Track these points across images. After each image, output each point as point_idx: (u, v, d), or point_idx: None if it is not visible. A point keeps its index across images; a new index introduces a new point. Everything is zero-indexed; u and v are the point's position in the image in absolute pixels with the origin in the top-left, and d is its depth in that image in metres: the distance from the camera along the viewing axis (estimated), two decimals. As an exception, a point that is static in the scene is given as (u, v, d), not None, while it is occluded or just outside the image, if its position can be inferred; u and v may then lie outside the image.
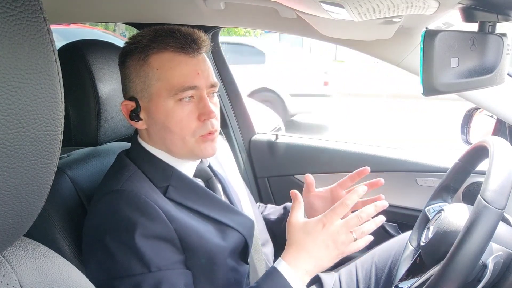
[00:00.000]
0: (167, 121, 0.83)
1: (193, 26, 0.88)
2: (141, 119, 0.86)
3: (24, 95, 0.34)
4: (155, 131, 0.86)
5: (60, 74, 0.37)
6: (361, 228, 0.78)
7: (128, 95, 0.87)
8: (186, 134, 0.84)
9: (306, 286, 1.20)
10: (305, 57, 7.79)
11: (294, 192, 0.87)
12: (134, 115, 0.86)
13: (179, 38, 0.82)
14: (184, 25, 0.89)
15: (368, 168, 0.99)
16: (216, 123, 0.87)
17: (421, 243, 0.98)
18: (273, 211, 1.20)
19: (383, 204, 0.81)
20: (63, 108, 0.38)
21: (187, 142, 0.85)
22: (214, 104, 0.88)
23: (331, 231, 0.77)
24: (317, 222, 0.79)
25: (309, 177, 1.06)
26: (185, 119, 0.83)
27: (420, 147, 1.64)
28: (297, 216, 0.83)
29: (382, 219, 0.80)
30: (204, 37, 0.86)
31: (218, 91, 0.90)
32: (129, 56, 0.85)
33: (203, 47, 0.85)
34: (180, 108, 0.83)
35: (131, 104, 0.86)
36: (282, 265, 0.79)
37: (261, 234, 1.05)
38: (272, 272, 0.80)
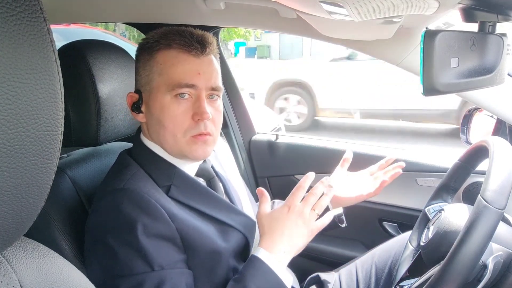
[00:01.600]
0: (161, 115, 0.84)
1: (193, 26, 0.89)
2: (142, 112, 0.89)
3: (24, 95, 0.34)
4: (151, 125, 0.88)
5: (60, 74, 0.37)
6: (319, 202, 0.86)
7: (135, 88, 0.91)
8: (178, 131, 0.84)
9: (306, 286, 1.20)
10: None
11: (261, 189, 0.92)
12: (136, 106, 0.89)
13: (185, 37, 0.84)
14: (184, 25, 0.90)
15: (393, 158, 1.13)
16: (211, 126, 0.86)
17: (421, 243, 0.98)
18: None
19: (328, 181, 0.90)
20: (63, 108, 0.38)
21: (178, 140, 0.85)
22: (215, 108, 0.87)
23: (296, 211, 0.85)
24: (282, 207, 0.86)
25: (349, 153, 1.14)
26: (179, 116, 0.84)
27: (420, 147, 1.64)
28: (265, 208, 0.88)
29: (331, 189, 0.89)
30: (210, 39, 0.87)
31: None
32: (140, 52, 0.89)
33: (207, 48, 0.86)
34: (175, 104, 0.84)
35: (135, 96, 0.89)
36: (260, 252, 0.83)
37: (261, 234, 1.05)
38: (253, 260, 0.82)
